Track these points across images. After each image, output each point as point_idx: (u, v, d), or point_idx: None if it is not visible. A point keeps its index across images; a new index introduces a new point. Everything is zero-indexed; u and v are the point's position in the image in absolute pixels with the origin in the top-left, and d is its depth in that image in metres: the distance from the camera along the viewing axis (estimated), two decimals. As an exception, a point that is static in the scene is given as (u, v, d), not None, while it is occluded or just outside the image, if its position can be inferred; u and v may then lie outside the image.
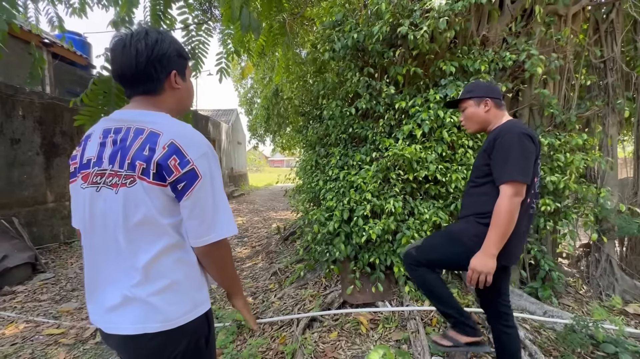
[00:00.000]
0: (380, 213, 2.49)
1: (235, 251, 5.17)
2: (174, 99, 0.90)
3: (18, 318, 3.06)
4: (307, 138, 3.41)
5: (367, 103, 2.67)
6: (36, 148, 5.46)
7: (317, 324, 2.35)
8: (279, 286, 3.08)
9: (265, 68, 12.86)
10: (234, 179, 17.74)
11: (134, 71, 0.83)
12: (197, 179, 0.78)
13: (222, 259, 0.88)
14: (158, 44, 0.84)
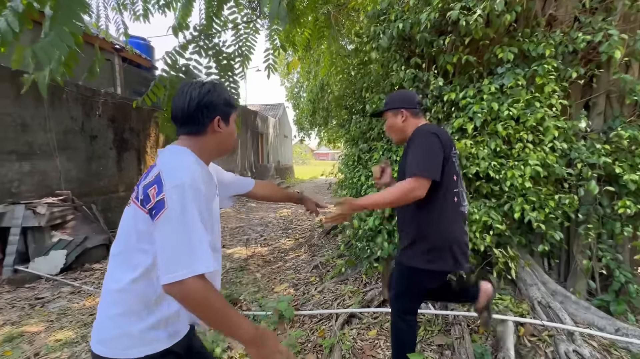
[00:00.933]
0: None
1: (279, 243, 5.35)
2: (214, 141, 0.99)
3: (95, 292, 3.52)
4: (349, 132, 3.37)
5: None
6: (110, 143, 6.16)
7: (356, 320, 2.35)
8: (319, 280, 3.13)
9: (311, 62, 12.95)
10: (280, 172, 18.30)
11: (184, 113, 0.95)
12: (162, 209, 0.79)
13: (191, 302, 0.77)
14: (210, 93, 0.95)
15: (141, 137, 6.98)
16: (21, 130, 4.47)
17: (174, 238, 0.79)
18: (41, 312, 3.06)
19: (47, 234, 4.27)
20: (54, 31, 2.14)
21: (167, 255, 0.78)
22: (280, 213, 8.55)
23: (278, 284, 3.36)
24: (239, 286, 3.44)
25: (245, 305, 2.91)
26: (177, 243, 0.78)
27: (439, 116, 2.55)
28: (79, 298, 3.43)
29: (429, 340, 2.10)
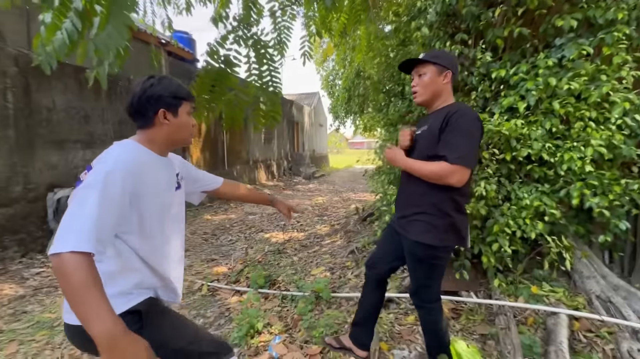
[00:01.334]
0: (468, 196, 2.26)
1: (315, 229, 5.43)
2: (163, 132, 1.04)
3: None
4: (387, 117, 3.28)
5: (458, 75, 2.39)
6: (158, 132, 6.59)
7: (394, 305, 2.33)
8: (355, 265, 3.13)
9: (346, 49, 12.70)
10: (315, 160, 18.42)
11: (132, 108, 1.02)
12: (78, 186, 0.89)
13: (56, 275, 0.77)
14: (152, 86, 1.01)
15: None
16: (84, 122, 4.94)
17: (68, 214, 0.82)
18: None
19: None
20: (111, 24, 2.32)
21: (60, 228, 0.80)
22: (316, 200, 8.65)
23: (315, 267, 3.43)
24: (277, 268, 3.56)
25: (283, 286, 3.01)
26: (67, 219, 0.81)
27: (486, 95, 2.38)
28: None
29: (470, 329, 2.03)
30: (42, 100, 4.34)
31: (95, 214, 0.82)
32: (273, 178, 12.47)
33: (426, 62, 1.41)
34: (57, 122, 4.53)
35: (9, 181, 3.94)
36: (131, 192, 0.92)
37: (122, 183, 0.89)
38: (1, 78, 3.88)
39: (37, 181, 4.29)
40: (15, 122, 4.01)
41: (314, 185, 12.38)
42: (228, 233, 5.39)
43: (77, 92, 4.82)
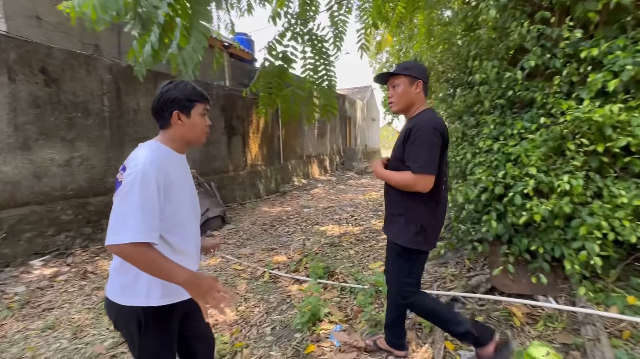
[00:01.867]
0: (548, 192, 2.05)
1: (370, 223, 5.39)
2: (178, 132, 1.15)
3: (216, 254, 4.19)
4: (452, 107, 3.10)
5: (537, 59, 2.16)
6: (221, 129, 7.09)
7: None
8: (415, 261, 3.05)
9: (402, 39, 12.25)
10: (368, 155, 18.18)
11: (153, 111, 1.16)
12: (118, 187, 1.01)
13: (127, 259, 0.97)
14: (168, 91, 1.12)
15: (245, 123, 7.83)
16: (161, 120, 5.52)
17: (117, 211, 0.98)
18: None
19: (181, 205, 5.23)
20: (193, 36, 2.61)
21: (111, 223, 0.97)
22: (369, 195, 8.56)
23: (372, 261, 3.42)
24: (334, 260, 3.63)
25: (341, 277, 3.06)
26: (118, 215, 0.98)
27: (573, 79, 2.11)
28: (203, 257, 4.13)
29: (549, 336, 1.86)
30: (129, 102, 4.95)
31: (141, 209, 0.96)
32: (326, 172, 12.63)
33: (398, 74, 1.54)
34: (140, 121, 5.13)
35: (105, 173, 4.59)
36: (163, 187, 1.04)
37: (155, 181, 1.01)
38: (99, 86, 4.51)
39: (126, 174, 4.92)
40: (110, 123, 4.65)
41: (367, 180, 12.25)
42: (285, 225, 5.62)
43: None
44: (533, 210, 1.92)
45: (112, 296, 1.10)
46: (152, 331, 1.10)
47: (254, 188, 8.00)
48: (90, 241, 4.37)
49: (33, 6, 4.91)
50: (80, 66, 4.29)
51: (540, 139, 2.02)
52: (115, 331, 1.88)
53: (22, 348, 2.20)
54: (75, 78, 4.23)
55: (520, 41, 2.35)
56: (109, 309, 1.13)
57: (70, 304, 2.85)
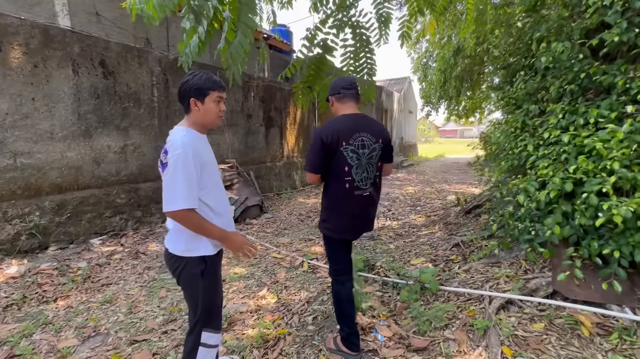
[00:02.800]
0: (630, 190, 1.81)
1: (409, 218, 5.22)
2: (197, 116, 1.37)
3: (256, 242, 4.28)
4: (509, 95, 2.85)
5: (621, 34, 1.89)
6: (260, 121, 7.20)
7: (515, 308, 2.06)
8: (463, 259, 2.88)
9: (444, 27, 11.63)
10: (404, 149, 17.65)
11: (178, 96, 1.39)
12: (165, 168, 1.27)
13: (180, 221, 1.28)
14: (186, 82, 1.34)
15: (283, 114, 7.89)
16: (205, 111, 5.70)
17: (169, 186, 1.25)
18: (222, 251, 3.95)
19: (222, 193, 5.41)
20: (239, 30, 2.64)
21: (165, 195, 1.26)
22: (406, 190, 8.31)
23: (414, 257, 3.29)
24: (373, 253, 3.55)
25: (382, 271, 2.98)
26: (169, 188, 1.25)
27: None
28: (245, 244, 4.24)
29: (626, 351, 1.65)
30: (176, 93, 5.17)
31: (185, 183, 1.25)
32: (360, 165, 12.44)
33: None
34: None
35: (154, 160, 4.85)
36: (199, 162, 1.30)
37: (192, 159, 1.27)
38: (149, 77, 4.74)
39: (173, 162, 5.17)
40: (159, 112, 4.89)
41: (403, 174, 11.91)
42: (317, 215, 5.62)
43: (201, 85, 5.58)
44: (612, 211, 1.70)
45: (178, 252, 1.37)
46: (211, 273, 1.41)
47: (290, 179, 8.09)
48: (140, 224, 4.66)
49: (93, 3, 5.25)
50: (133, 59, 4.53)
51: (625, 130, 1.77)
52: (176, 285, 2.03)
53: (86, 318, 2.39)
54: (129, 70, 4.48)
55: (599, 17, 2.08)
56: (173, 263, 1.39)
57: (125, 281, 3.06)
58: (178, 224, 1.32)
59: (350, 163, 1.69)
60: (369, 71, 4.66)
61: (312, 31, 4.36)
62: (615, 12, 1.95)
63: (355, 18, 4.54)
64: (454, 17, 8.86)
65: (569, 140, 2.02)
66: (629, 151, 1.76)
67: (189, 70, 1.96)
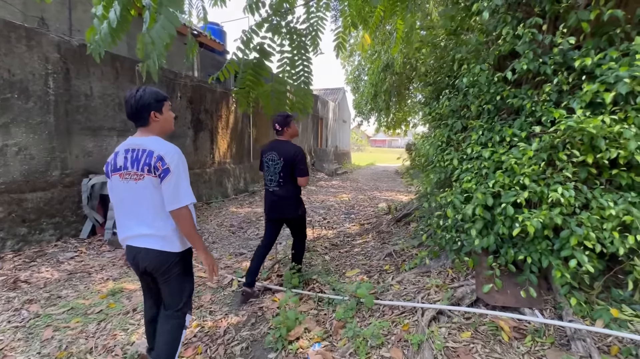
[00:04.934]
0: (537, 202, 2.00)
1: (344, 227, 5.24)
2: (157, 127, 1.54)
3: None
4: (435, 111, 3.03)
5: (530, 63, 2.11)
6: (187, 123, 6.58)
7: (445, 318, 2.11)
8: (395, 269, 2.92)
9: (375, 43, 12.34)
10: (338, 157, 18.17)
11: (133, 115, 1.50)
12: (169, 173, 1.43)
13: (180, 221, 1.48)
14: (142, 97, 1.47)
15: (214, 118, 7.36)
16: (119, 109, 4.96)
17: (176, 186, 1.43)
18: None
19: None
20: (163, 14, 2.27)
21: (174, 194, 1.44)
22: (340, 197, 8.45)
23: (349, 269, 3.25)
24: (308, 266, 3.41)
25: (318, 286, 2.85)
26: (176, 189, 1.44)
27: (563, 87, 2.09)
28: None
29: (538, 353, 1.79)
30: (80, 86, 4.37)
31: (188, 182, 1.48)
32: (296, 173, 12.37)
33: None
34: (93, 109, 4.56)
35: (48, 165, 4.00)
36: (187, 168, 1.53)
37: (185, 163, 1.50)
38: (43, 64, 3.92)
39: (74, 167, 4.34)
40: (56, 108, 4.06)
41: (337, 181, 12.19)
42: (255, 227, 5.30)
43: (113, 79, 4.84)
44: (527, 221, 1.84)
45: (176, 249, 1.55)
46: (191, 263, 1.68)
47: (221, 187, 7.55)
48: (25, 243, 3.77)
49: (-39, -35, 4.17)
50: (19, 40, 3.68)
51: (534, 148, 1.96)
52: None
53: None
54: (12, 53, 3.63)
55: (511, 46, 2.30)
56: (165, 259, 1.54)
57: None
58: (170, 224, 1.51)
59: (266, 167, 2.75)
60: (305, 79, 4.58)
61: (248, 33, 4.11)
62: (524, 43, 2.17)
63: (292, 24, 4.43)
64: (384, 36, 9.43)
65: (489, 156, 2.17)
66: (537, 167, 1.95)
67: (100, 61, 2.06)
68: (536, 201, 2.01)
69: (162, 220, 1.49)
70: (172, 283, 1.58)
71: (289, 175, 2.63)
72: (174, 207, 1.43)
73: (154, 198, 1.46)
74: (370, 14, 5.12)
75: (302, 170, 2.62)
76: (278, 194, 2.68)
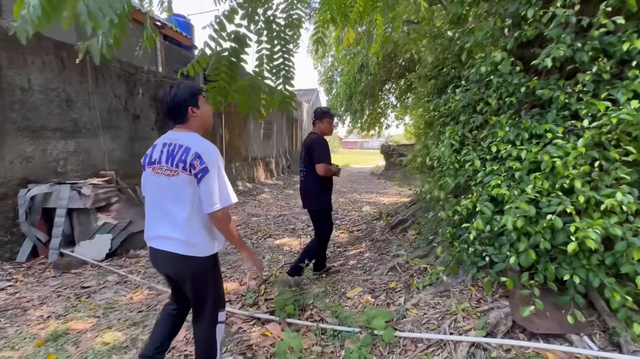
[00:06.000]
0: (584, 209, 1.70)
1: (332, 235, 4.83)
2: (196, 122, 1.53)
3: (142, 283, 3.18)
4: (441, 107, 2.70)
5: (566, 50, 1.82)
6: (151, 124, 5.86)
7: (481, 352, 1.75)
8: (405, 287, 2.55)
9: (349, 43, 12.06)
10: (313, 159, 17.78)
11: (170, 111, 1.49)
12: (207, 172, 1.37)
13: (220, 224, 1.42)
14: (177, 94, 1.46)
15: (182, 117, 6.68)
16: (66, 106, 4.20)
17: (215, 187, 1.38)
18: (87, 304, 2.74)
19: (93, 217, 4.02)
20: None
21: (214, 195, 1.37)
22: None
23: (348, 287, 2.83)
24: (302, 288, 2.95)
25: (316, 313, 2.41)
26: (218, 189, 1.38)
27: (603, 76, 1.82)
28: (125, 289, 3.10)
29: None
30: (15, 78, 3.61)
31: (228, 182, 1.43)
32: (272, 176, 11.81)
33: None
34: (32, 105, 3.79)
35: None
36: None
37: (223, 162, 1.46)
38: (-39, 48, 3.14)
39: (7, 176, 3.57)
40: (-21, 102, 3.29)
41: (315, 184, 11.78)
42: (232, 239, 4.74)
43: (58, 71, 4.09)
44: (580, 233, 1.53)
45: (203, 254, 1.47)
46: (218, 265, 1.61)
47: (191, 194, 6.86)
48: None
49: None
50: None
51: (584, 143, 1.65)
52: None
53: None
54: None
55: (536, 30, 2.02)
56: (189, 265, 1.45)
57: None
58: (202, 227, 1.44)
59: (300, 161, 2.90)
60: (286, 74, 4.13)
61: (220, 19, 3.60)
62: (557, 26, 1.88)
63: (271, 12, 3.97)
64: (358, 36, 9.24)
65: (523, 156, 1.85)
66: (588, 168, 1.65)
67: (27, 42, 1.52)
68: (582, 209, 1.71)
69: (194, 221, 1.41)
70: (197, 288, 1.50)
71: (310, 164, 2.68)
72: (214, 209, 1.36)
73: (187, 198, 1.39)
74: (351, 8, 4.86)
75: (316, 157, 2.61)
76: (303, 184, 2.81)
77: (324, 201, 2.79)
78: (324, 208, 2.81)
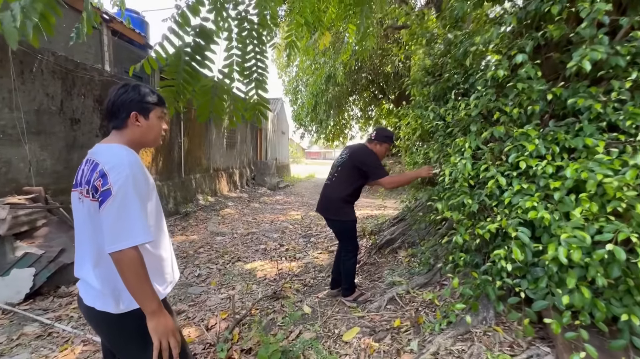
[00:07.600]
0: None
1: (309, 256, 4.34)
2: (136, 134, 1.17)
3: (75, 335, 2.43)
4: (443, 116, 2.41)
5: (604, 52, 1.59)
6: (95, 129, 5.00)
7: None
8: (413, 326, 2.15)
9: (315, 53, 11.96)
10: (278, 170, 17.17)
11: (108, 110, 1.16)
12: (108, 197, 0.98)
13: (122, 270, 0.98)
14: (126, 92, 1.15)
15: (134, 123, 5.84)
16: (-25, 105, 3.32)
17: (119, 217, 0.98)
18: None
19: (9, 246, 3.15)
20: None
21: (114, 229, 0.97)
22: (291, 216, 7.53)
23: (343, 328, 2.37)
24: (285, 328, 2.43)
25: (311, 369, 1.91)
26: (119, 220, 0.98)
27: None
28: (49, 344, 2.34)
29: None
30: None
31: (142, 212, 1.01)
32: (236, 188, 11.03)
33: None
34: None
35: None
36: (149, 189, 1.11)
37: (143, 182, 1.07)
38: None
39: None
40: None
41: (281, 196, 11.22)
42: (193, 264, 4.06)
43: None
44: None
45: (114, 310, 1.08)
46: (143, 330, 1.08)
47: (143, 211, 5.98)
48: None
49: None
50: None
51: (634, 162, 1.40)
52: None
53: None
54: None
55: (561, 30, 1.79)
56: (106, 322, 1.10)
57: None
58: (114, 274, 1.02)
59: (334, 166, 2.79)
60: (259, 76, 3.65)
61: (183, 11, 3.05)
62: (590, 25, 1.66)
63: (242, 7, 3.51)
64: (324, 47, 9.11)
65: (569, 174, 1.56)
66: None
67: None
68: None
69: (107, 263, 1.04)
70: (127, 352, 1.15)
71: (347, 173, 2.56)
72: (112, 249, 0.97)
73: (95, 231, 1.06)
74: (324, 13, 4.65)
75: (376, 174, 2.43)
76: (328, 188, 2.65)
77: (348, 214, 2.57)
78: (348, 221, 2.58)
